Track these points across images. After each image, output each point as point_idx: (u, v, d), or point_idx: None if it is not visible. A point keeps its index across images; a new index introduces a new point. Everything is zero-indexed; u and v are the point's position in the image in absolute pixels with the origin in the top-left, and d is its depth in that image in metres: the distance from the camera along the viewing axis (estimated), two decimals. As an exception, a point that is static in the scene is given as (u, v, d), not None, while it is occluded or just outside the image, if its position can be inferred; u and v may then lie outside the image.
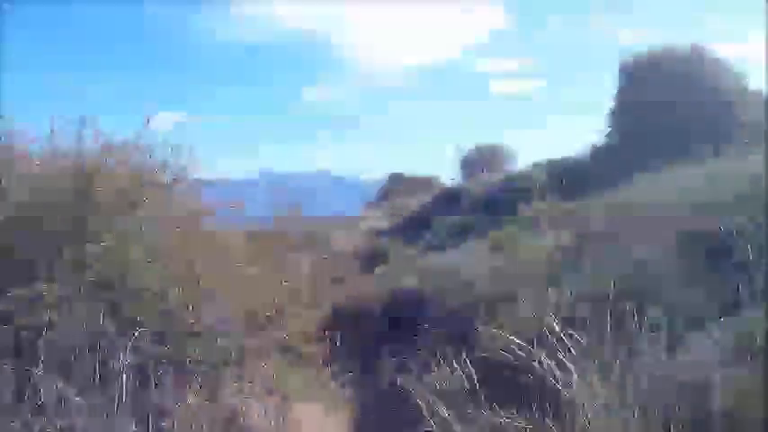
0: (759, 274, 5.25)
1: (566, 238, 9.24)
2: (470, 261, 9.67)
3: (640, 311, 4.55)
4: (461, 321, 8.02)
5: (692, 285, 5.81)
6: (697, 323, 5.11)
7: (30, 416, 3.97)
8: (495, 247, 9.88)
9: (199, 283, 5.30)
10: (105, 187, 5.10)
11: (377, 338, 9.22)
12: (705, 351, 4.59)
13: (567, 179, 16.07)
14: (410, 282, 9.96)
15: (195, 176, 6.16)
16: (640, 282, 5.96)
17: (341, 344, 7.53)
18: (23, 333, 4.31)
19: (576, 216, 9.83)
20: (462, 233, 14.02)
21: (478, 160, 26.42)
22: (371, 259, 16.09)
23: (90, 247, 4.78)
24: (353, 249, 18.05)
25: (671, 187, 8.82)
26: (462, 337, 7.30)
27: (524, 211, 11.62)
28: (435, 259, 11.14)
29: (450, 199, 20.87)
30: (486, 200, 18.23)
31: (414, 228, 19.23)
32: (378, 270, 13.30)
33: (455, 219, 16.17)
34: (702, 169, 9.15)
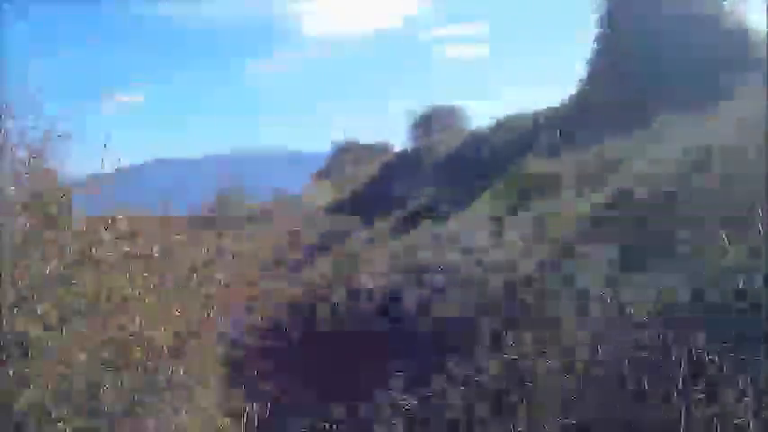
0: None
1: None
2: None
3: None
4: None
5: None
6: None
7: None
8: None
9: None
10: None
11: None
12: None
13: (552, 131, 13.73)
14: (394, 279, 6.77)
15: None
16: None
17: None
18: None
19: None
20: (444, 203, 11.00)
21: (434, 122, 23.82)
22: (318, 249, 13.13)
23: None
24: (292, 238, 14.85)
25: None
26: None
27: (532, 166, 8.58)
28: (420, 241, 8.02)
29: (408, 164, 18.28)
30: (454, 161, 15.66)
31: (371, 201, 16.26)
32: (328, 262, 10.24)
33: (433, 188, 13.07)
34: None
